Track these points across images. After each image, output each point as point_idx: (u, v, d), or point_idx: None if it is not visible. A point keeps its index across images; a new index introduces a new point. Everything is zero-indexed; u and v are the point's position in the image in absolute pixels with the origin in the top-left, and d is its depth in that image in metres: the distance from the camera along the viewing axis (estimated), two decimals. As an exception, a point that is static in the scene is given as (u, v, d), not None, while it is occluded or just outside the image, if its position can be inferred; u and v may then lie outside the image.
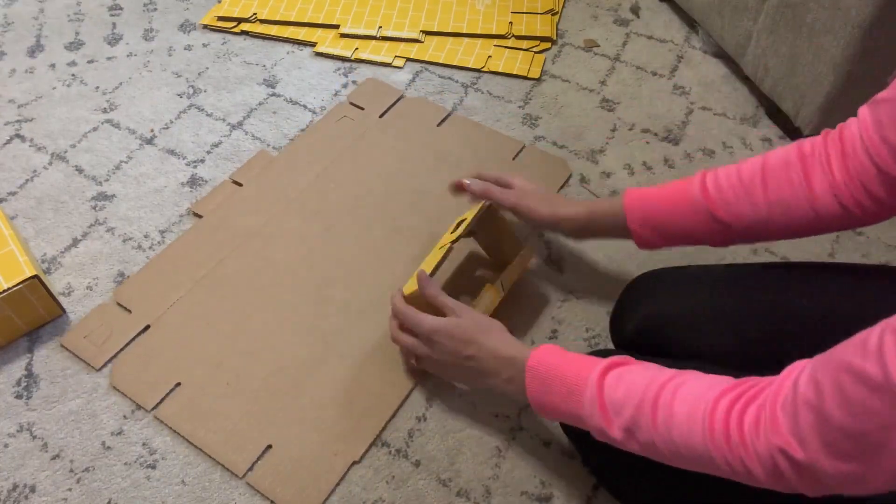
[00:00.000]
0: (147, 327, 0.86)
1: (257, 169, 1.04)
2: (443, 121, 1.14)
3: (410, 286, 0.79)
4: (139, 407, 0.81)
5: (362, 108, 1.14)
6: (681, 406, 0.53)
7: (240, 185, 1.02)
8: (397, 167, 1.05)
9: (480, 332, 0.70)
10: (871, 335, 0.41)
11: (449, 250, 0.80)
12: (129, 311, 0.87)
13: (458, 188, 0.87)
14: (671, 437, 0.53)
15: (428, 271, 0.77)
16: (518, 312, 0.89)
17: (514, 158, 1.09)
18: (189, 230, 0.97)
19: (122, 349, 0.84)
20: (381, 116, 1.13)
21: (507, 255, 0.86)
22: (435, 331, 0.72)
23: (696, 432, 0.51)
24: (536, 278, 0.94)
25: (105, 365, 0.83)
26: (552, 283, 0.93)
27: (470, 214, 0.84)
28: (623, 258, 0.96)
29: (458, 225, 0.84)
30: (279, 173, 1.04)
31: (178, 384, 0.81)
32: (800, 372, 0.46)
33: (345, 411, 0.80)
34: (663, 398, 0.54)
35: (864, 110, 0.60)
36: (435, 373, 0.79)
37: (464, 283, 0.92)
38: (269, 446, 0.77)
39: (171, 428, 0.78)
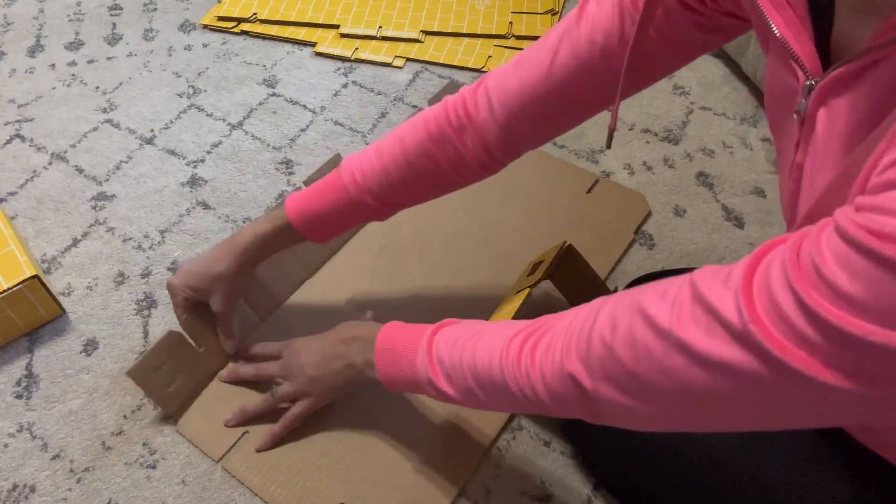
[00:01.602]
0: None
1: None
2: None
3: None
4: (139, 407, 0.81)
5: None
6: (485, 344, 0.56)
7: None
8: (464, 201, 0.97)
9: (335, 331, 0.73)
10: (673, 283, 0.44)
11: (528, 295, 0.78)
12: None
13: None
14: (477, 372, 0.56)
15: (508, 318, 0.76)
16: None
17: (588, 192, 1.03)
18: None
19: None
20: None
21: (590, 298, 0.83)
22: (295, 341, 0.76)
23: (495, 364, 0.54)
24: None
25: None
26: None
27: (548, 256, 0.81)
28: (607, 257, 0.96)
29: (535, 267, 0.81)
30: None
31: (246, 432, 0.78)
32: (601, 304, 0.48)
33: (419, 469, 0.75)
34: (473, 341, 0.57)
35: (479, 89, 0.66)
36: (292, 395, 0.75)
37: None
38: None
39: (239, 480, 0.75)
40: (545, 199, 1.01)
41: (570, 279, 0.86)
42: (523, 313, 0.87)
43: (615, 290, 0.81)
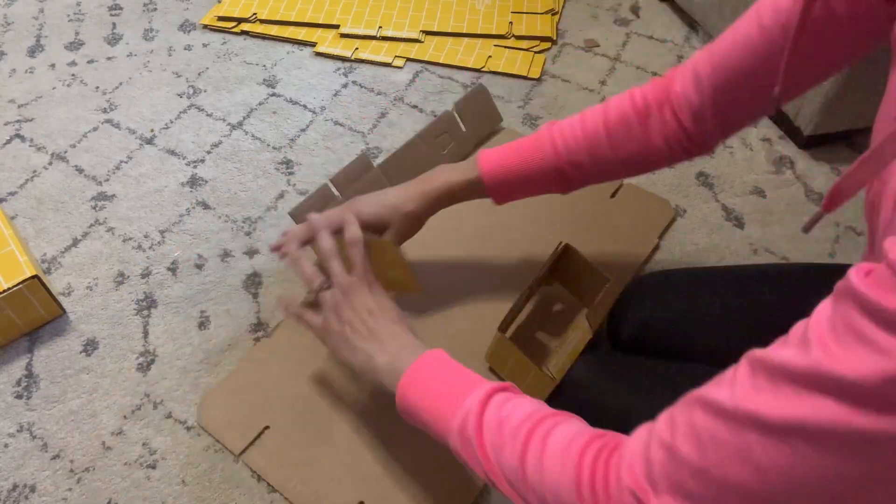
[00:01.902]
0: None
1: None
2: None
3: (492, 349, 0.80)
4: (139, 407, 0.81)
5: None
6: (553, 449, 0.48)
7: None
8: (487, 205, 0.92)
9: (395, 312, 0.67)
10: (730, 369, 0.39)
11: (527, 297, 0.79)
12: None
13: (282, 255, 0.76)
14: (541, 481, 0.47)
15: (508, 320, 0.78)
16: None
17: (611, 196, 1.02)
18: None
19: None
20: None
21: (590, 291, 0.83)
22: (360, 283, 0.67)
23: (564, 482, 0.46)
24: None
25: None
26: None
27: (547, 262, 0.82)
28: (630, 262, 0.96)
29: (540, 274, 0.82)
30: None
31: (267, 428, 0.78)
32: (664, 413, 0.43)
33: (440, 466, 0.74)
34: (537, 436, 0.49)
35: (685, 69, 0.66)
36: (323, 328, 0.68)
37: (545, 323, 0.88)
38: (362, 502, 0.73)
39: (260, 476, 0.75)
40: (569, 204, 1.00)
41: (572, 275, 0.87)
42: (530, 311, 0.87)
43: (615, 282, 0.81)
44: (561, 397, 0.73)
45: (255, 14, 1.30)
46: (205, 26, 1.31)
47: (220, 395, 0.81)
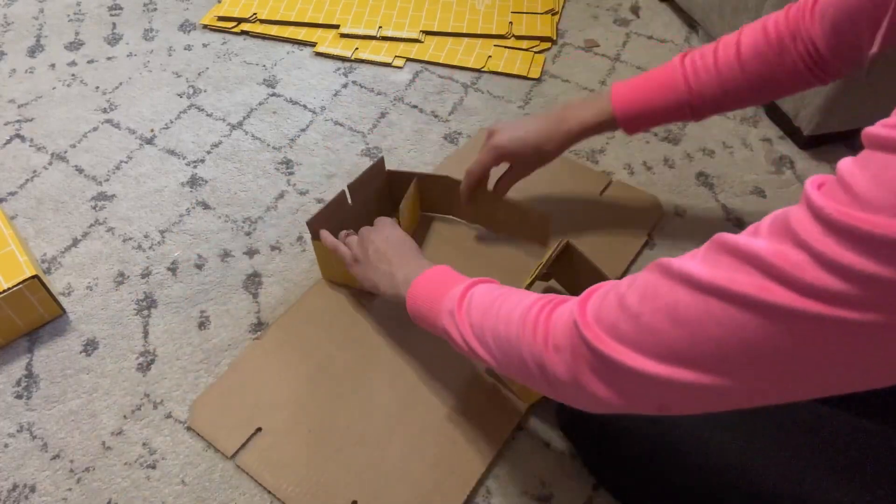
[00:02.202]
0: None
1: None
2: None
3: None
4: (139, 407, 0.81)
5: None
6: (512, 300, 0.56)
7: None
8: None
9: (412, 246, 0.77)
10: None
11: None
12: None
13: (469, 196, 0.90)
14: (497, 324, 0.56)
15: None
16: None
17: (601, 193, 1.03)
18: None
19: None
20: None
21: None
22: (379, 225, 0.80)
23: (513, 320, 0.54)
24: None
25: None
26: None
27: (546, 257, 0.82)
28: (620, 258, 0.96)
29: (537, 268, 0.82)
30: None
31: (259, 429, 0.77)
32: None
33: (433, 466, 0.75)
34: (504, 295, 0.58)
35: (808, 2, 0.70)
36: (354, 257, 0.80)
37: None
38: (355, 502, 0.73)
39: (253, 478, 0.75)
40: (558, 201, 1.01)
41: (571, 274, 0.86)
42: None
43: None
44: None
45: (255, 14, 1.30)
46: (205, 26, 1.31)
47: (211, 398, 0.80)
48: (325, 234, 0.83)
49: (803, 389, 0.39)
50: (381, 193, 0.94)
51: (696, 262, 0.40)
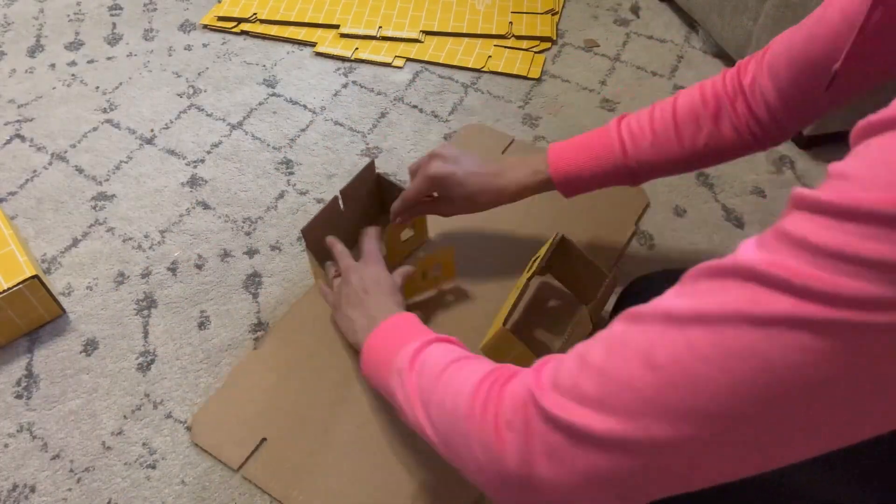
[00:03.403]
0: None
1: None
2: (506, 148, 1.09)
3: (490, 334, 0.80)
4: (139, 407, 0.81)
5: None
6: (465, 372, 0.49)
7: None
8: None
9: (388, 287, 0.74)
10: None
11: (524, 289, 0.79)
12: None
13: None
14: (445, 397, 0.49)
15: (505, 313, 0.78)
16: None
17: None
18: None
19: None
20: None
21: (587, 286, 0.84)
22: (358, 266, 0.77)
23: (463, 393, 0.46)
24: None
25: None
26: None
27: (543, 251, 0.83)
28: (622, 258, 0.96)
29: (533, 263, 0.83)
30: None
31: (264, 440, 0.77)
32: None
33: (438, 471, 0.74)
34: (458, 364, 0.51)
35: (758, 59, 0.67)
36: (332, 304, 0.80)
37: (542, 320, 0.88)
38: None
39: (262, 489, 0.74)
40: (543, 195, 1.01)
41: (567, 268, 0.87)
42: (524, 306, 0.87)
43: (614, 277, 0.81)
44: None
45: (255, 14, 1.30)
46: (205, 26, 1.31)
47: (211, 411, 0.80)
48: (324, 289, 0.83)
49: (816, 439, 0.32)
50: (372, 197, 0.93)
51: (667, 298, 0.35)
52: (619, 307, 0.79)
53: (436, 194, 0.83)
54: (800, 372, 0.29)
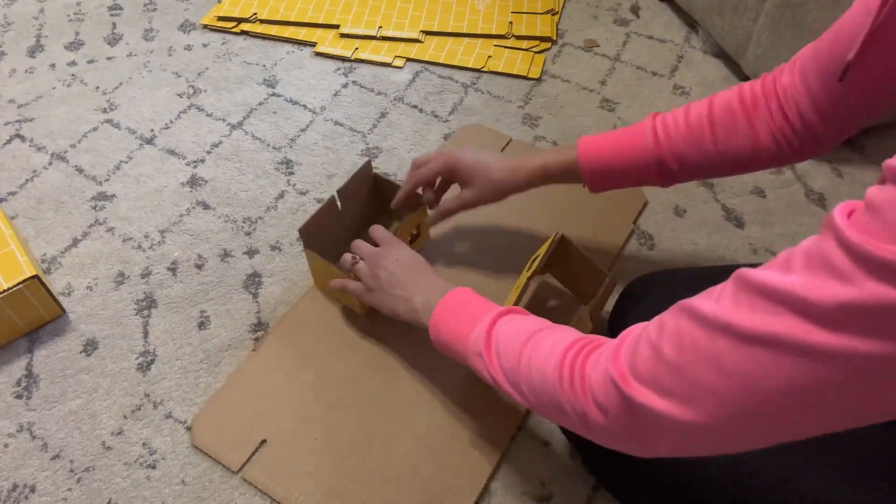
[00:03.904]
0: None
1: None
2: (504, 148, 1.09)
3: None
4: (139, 407, 0.81)
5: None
6: (543, 348, 0.55)
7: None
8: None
9: (424, 263, 0.76)
10: (720, 284, 0.42)
11: (524, 288, 0.79)
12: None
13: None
14: (531, 375, 0.55)
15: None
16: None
17: (584, 185, 1.03)
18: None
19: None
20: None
21: (587, 286, 0.84)
22: (385, 247, 0.78)
23: (548, 371, 0.53)
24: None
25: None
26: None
27: (542, 250, 0.83)
28: (622, 258, 0.96)
29: (533, 262, 0.82)
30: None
31: (264, 441, 0.77)
32: (656, 318, 0.47)
33: (440, 470, 0.75)
34: (534, 339, 0.57)
35: (790, 65, 0.65)
36: (366, 290, 0.78)
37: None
38: None
39: (262, 491, 0.74)
40: (542, 195, 1.00)
41: (566, 268, 0.87)
42: (524, 305, 0.87)
43: (614, 277, 0.81)
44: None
45: (255, 14, 1.30)
46: (205, 26, 1.31)
47: (211, 413, 0.80)
48: (334, 282, 0.81)
49: (845, 422, 0.38)
50: (371, 196, 0.93)
51: (727, 306, 0.40)
52: (619, 307, 0.79)
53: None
54: (844, 383, 0.36)
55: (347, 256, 0.81)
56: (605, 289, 0.80)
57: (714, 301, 0.41)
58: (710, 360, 0.40)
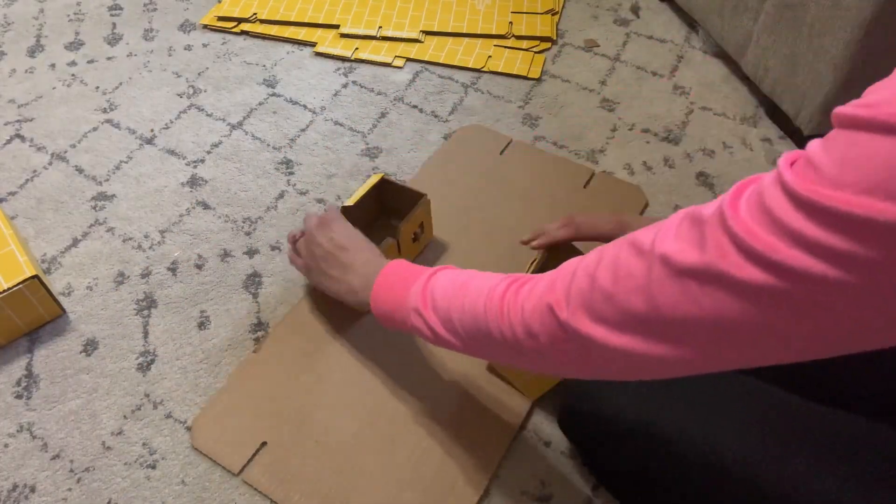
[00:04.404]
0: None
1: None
2: (504, 149, 1.09)
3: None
4: (139, 407, 0.81)
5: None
6: (476, 283, 0.58)
7: None
8: (462, 201, 1.00)
9: (362, 240, 0.77)
10: (668, 219, 0.43)
11: None
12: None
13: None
14: (463, 312, 0.57)
15: None
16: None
17: (585, 186, 1.03)
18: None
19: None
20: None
21: None
22: (322, 223, 0.78)
23: (480, 303, 0.55)
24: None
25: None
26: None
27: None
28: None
29: (533, 262, 0.82)
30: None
31: (264, 443, 0.77)
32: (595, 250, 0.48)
33: (442, 469, 0.75)
34: (466, 280, 0.60)
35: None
36: (305, 267, 0.81)
37: None
38: None
39: (262, 493, 0.74)
40: (543, 196, 1.01)
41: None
42: None
43: None
44: (568, 393, 0.73)
45: (255, 14, 1.30)
46: (205, 26, 1.31)
47: (211, 415, 0.80)
48: (292, 256, 0.84)
49: (771, 356, 0.39)
50: (372, 198, 0.93)
51: (669, 240, 0.40)
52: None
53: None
54: (769, 318, 0.37)
55: (294, 231, 0.83)
56: None
57: (654, 232, 0.42)
58: (642, 289, 0.41)
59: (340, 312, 0.88)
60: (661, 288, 0.40)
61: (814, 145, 0.35)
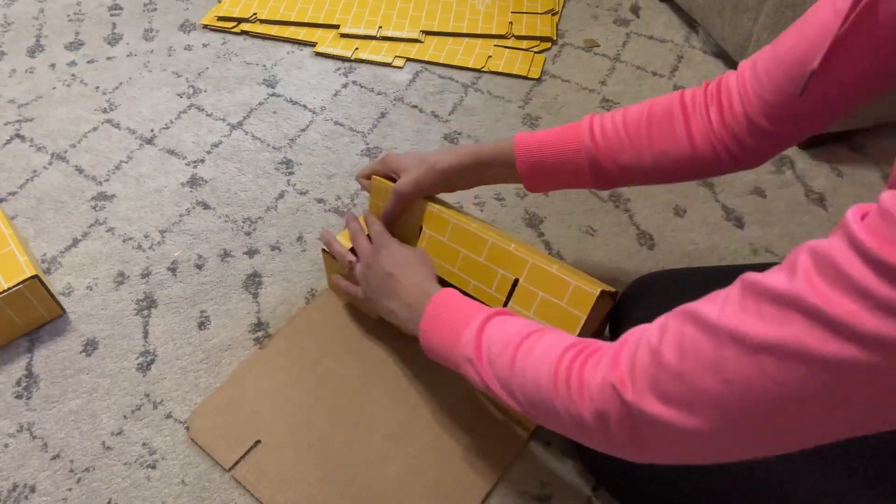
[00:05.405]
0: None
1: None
2: None
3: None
4: (139, 407, 0.81)
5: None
6: (537, 352, 0.54)
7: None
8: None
9: (414, 259, 0.74)
10: (725, 289, 0.41)
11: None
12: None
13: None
14: (525, 380, 0.54)
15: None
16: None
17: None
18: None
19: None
20: None
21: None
22: (376, 249, 0.76)
23: (543, 376, 0.52)
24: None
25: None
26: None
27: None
28: (622, 258, 0.96)
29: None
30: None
31: (258, 442, 0.77)
32: (657, 321, 0.46)
33: (434, 482, 0.74)
34: (527, 343, 0.56)
35: (744, 65, 0.63)
36: (363, 298, 0.78)
37: None
38: None
39: (249, 492, 0.74)
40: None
41: None
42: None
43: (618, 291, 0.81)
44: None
45: (255, 14, 1.30)
46: (205, 26, 1.31)
47: (210, 408, 0.80)
48: (338, 279, 0.83)
49: (846, 430, 0.38)
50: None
51: (732, 312, 0.39)
52: (619, 307, 0.79)
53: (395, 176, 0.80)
54: (851, 392, 0.35)
55: (346, 256, 0.79)
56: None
57: (719, 306, 0.40)
58: (714, 367, 0.39)
59: (350, 318, 0.88)
60: (735, 366, 0.38)
61: (888, 199, 0.33)
